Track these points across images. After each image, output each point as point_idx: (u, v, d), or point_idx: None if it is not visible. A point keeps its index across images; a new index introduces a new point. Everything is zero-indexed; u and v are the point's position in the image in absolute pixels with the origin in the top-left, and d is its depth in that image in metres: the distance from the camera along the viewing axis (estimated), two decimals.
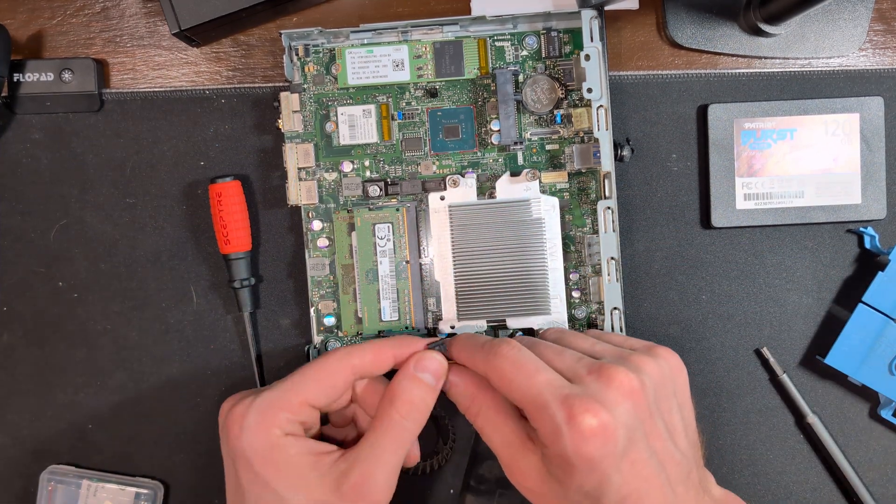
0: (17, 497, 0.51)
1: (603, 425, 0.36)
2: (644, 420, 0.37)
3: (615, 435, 0.36)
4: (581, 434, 0.36)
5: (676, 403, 0.40)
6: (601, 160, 0.45)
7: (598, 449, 0.36)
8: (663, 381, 0.39)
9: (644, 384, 0.38)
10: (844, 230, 0.50)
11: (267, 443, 0.39)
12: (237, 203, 0.48)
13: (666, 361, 0.40)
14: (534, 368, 0.38)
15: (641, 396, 0.37)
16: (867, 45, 0.50)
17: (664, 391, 0.39)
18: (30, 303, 0.50)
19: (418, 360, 0.42)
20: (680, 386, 0.41)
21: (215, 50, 0.51)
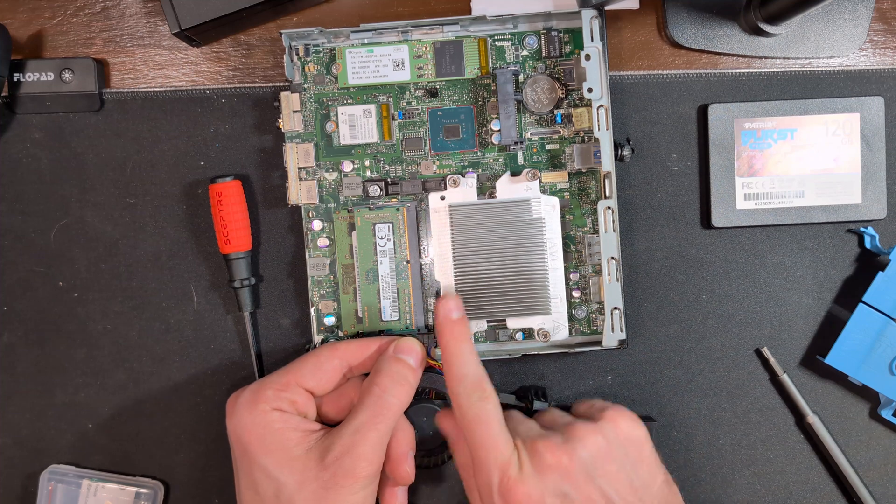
0: (17, 497, 0.51)
1: (524, 495, 0.39)
2: (577, 486, 0.40)
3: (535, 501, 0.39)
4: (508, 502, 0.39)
5: (629, 464, 0.41)
6: (601, 160, 0.45)
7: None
8: (604, 447, 0.41)
9: (576, 454, 0.40)
10: (845, 230, 0.50)
11: (254, 418, 0.42)
12: (237, 203, 0.48)
13: (612, 426, 0.42)
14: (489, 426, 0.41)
15: (570, 466, 0.40)
16: (867, 44, 0.50)
17: (605, 457, 0.41)
18: (30, 303, 0.50)
19: (398, 344, 0.44)
20: (631, 447, 0.42)
21: (215, 50, 0.51)
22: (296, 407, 0.43)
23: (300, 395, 0.43)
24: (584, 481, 0.40)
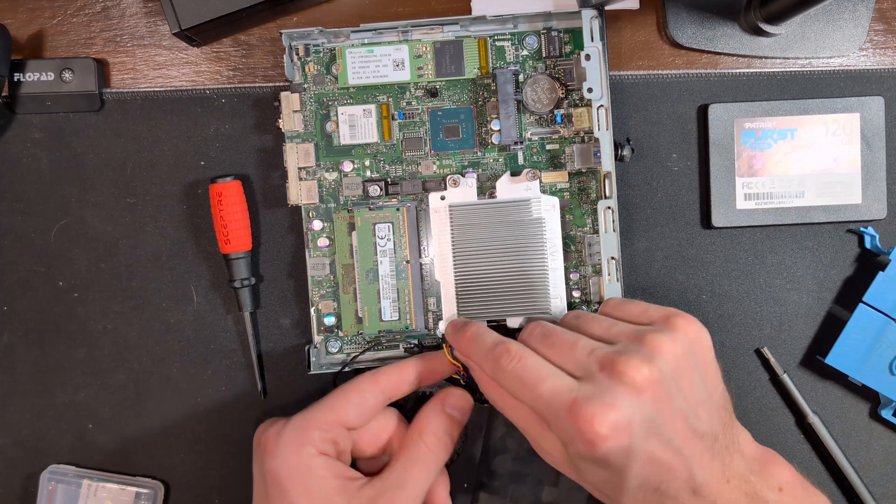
0: (17, 497, 0.51)
1: (614, 426, 0.35)
2: (662, 408, 0.36)
3: (627, 433, 0.35)
4: (591, 440, 0.35)
5: (699, 375, 0.38)
6: (601, 160, 0.45)
7: (611, 450, 0.35)
8: (682, 358, 0.38)
9: (661, 371, 0.37)
10: (845, 230, 0.50)
11: (299, 461, 0.40)
12: (237, 203, 0.48)
13: (685, 335, 0.38)
14: (536, 378, 0.38)
15: (658, 386, 0.36)
16: (868, 44, 0.50)
17: (684, 369, 0.38)
18: (30, 303, 0.50)
19: (447, 396, 0.44)
20: (701, 356, 0.39)
21: (216, 50, 0.51)
22: (337, 448, 0.42)
23: (343, 435, 0.42)
24: (667, 402, 0.36)
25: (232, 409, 0.50)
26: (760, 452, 0.40)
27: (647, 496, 0.37)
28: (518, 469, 0.48)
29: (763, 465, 0.40)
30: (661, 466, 0.37)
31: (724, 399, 0.40)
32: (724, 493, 0.38)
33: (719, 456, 0.38)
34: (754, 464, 0.39)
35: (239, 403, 0.50)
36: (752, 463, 0.39)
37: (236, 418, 0.50)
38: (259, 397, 0.50)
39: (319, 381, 0.50)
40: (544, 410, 0.37)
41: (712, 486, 0.37)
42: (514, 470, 0.48)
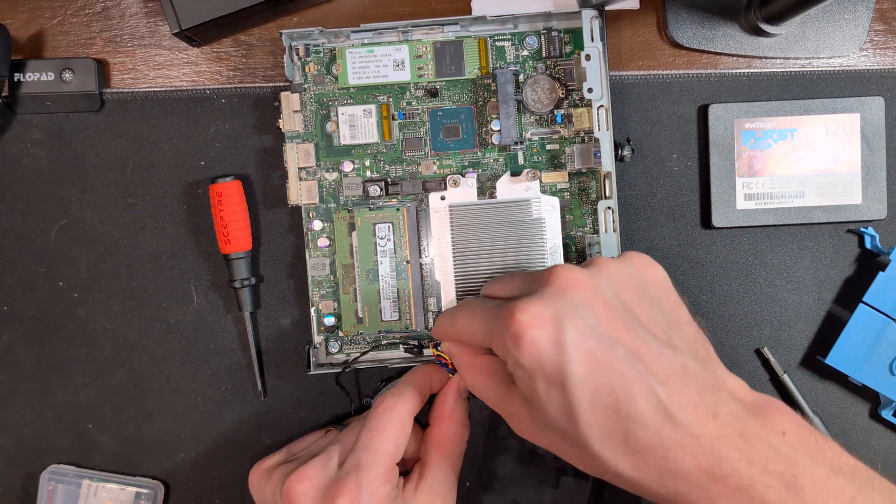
0: (17, 497, 0.51)
1: (535, 314, 0.34)
2: (599, 310, 0.34)
3: (552, 323, 0.34)
4: (515, 332, 0.34)
5: (649, 299, 0.36)
6: (602, 160, 0.45)
7: (537, 339, 0.34)
8: (625, 276, 0.36)
9: (591, 277, 0.35)
10: (845, 230, 0.50)
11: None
12: (237, 203, 0.48)
13: (630, 259, 0.37)
14: (479, 307, 0.39)
15: (591, 288, 0.35)
16: (868, 45, 0.50)
17: (625, 285, 0.36)
18: (30, 303, 0.50)
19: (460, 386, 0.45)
20: (654, 284, 0.37)
21: (216, 50, 0.51)
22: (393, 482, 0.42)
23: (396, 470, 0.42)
24: (604, 307, 0.35)
25: (232, 409, 0.50)
26: (758, 397, 0.36)
27: (609, 420, 0.33)
28: (520, 470, 0.48)
29: (762, 410, 0.35)
30: (611, 372, 0.33)
31: (693, 331, 0.37)
32: (708, 426, 0.33)
33: (695, 386, 0.34)
34: (751, 407, 0.35)
35: (239, 403, 0.50)
36: (747, 406, 0.35)
37: (236, 418, 0.50)
38: (259, 397, 0.50)
39: (319, 381, 0.50)
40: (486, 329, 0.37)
41: (689, 414, 0.33)
42: (516, 471, 0.48)
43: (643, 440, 0.33)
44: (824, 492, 0.33)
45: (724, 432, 0.33)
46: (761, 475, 0.33)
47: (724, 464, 0.33)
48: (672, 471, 0.33)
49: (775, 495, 0.33)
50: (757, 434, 0.34)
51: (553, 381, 0.34)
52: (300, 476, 0.41)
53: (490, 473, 0.49)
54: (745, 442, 0.33)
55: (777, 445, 0.34)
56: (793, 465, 0.33)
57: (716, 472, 0.33)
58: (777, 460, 0.33)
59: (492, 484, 0.49)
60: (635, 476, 0.34)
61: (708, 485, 0.33)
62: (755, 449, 0.33)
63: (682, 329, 0.37)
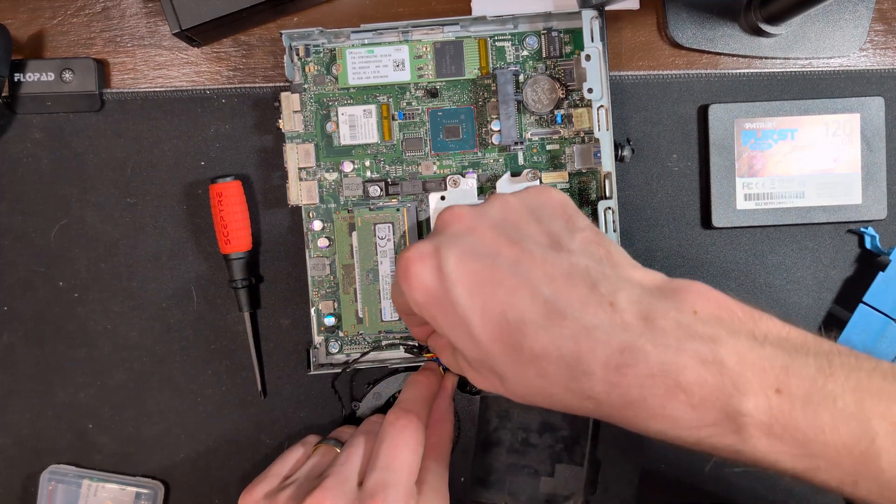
0: (17, 497, 0.51)
1: (417, 249, 0.34)
2: (477, 232, 0.34)
3: (432, 254, 0.34)
4: (402, 268, 0.34)
5: (540, 216, 0.36)
6: (602, 160, 0.45)
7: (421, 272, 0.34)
8: (513, 202, 0.36)
9: (475, 208, 0.35)
10: (845, 230, 0.50)
11: None
12: (237, 203, 0.48)
13: (525, 190, 0.37)
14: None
15: (469, 216, 0.35)
16: (868, 45, 0.50)
17: (515, 209, 0.35)
18: (30, 303, 0.50)
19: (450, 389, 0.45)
20: (545, 203, 0.36)
21: (216, 50, 0.51)
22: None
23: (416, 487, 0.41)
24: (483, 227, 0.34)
25: (232, 409, 0.50)
26: (671, 282, 0.33)
27: (502, 332, 0.32)
28: (514, 461, 0.48)
29: (673, 292, 0.32)
30: (494, 285, 0.32)
31: (591, 234, 0.35)
32: (601, 315, 0.31)
33: (586, 281, 0.32)
34: (658, 291, 0.32)
35: (239, 403, 0.50)
36: (654, 290, 0.32)
37: (236, 418, 0.50)
38: (259, 397, 0.50)
39: (319, 381, 0.50)
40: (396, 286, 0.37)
41: (578, 307, 0.31)
42: (510, 462, 0.49)
43: (536, 345, 0.31)
44: (750, 364, 0.29)
45: (624, 318, 0.31)
46: (673, 357, 0.29)
47: (628, 352, 0.30)
48: (574, 371, 0.31)
49: (693, 376, 0.29)
50: (664, 315, 0.31)
51: (446, 309, 0.33)
52: (320, 499, 0.38)
53: (485, 467, 0.49)
54: (649, 325, 0.30)
55: (688, 323, 0.30)
56: (710, 341, 0.30)
57: (620, 363, 0.30)
58: (690, 338, 0.30)
59: (487, 477, 0.49)
60: (545, 387, 0.32)
61: (615, 378, 0.30)
62: (662, 330, 0.30)
63: (576, 234, 0.35)
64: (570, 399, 0.31)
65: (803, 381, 0.29)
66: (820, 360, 0.30)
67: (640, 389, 0.30)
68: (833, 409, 0.29)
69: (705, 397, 0.29)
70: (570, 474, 0.48)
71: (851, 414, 0.29)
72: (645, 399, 0.30)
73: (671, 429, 0.30)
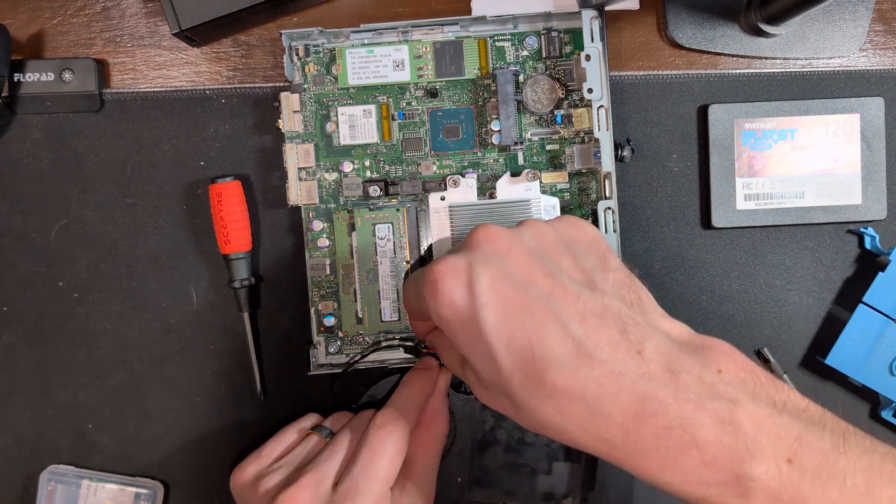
0: (17, 497, 0.51)
1: (450, 263, 0.34)
2: (513, 260, 0.34)
3: (464, 271, 0.33)
4: (432, 280, 0.34)
5: (574, 250, 0.36)
6: (601, 160, 0.45)
7: (449, 287, 0.33)
8: (548, 232, 0.36)
9: (511, 231, 0.35)
10: (845, 231, 0.50)
11: None
12: (237, 203, 0.48)
13: (558, 220, 0.37)
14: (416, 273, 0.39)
15: (504, 239, 0.34)
16: (867, 45, 0.50)
17: (549, 240, 0.35)
18: (30, 303, 0.50)
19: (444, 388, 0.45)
20: (579, 238, 0.37)
21: (216, 50, 0.51)
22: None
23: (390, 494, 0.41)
24: (519, 253, 0.34)
25: (232, 409, 0.50)
26: (699, 337, 0.33)
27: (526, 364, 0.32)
28: (510, 460, 0.49)
29: (700, 348, 0.33)
30: (524, 314, 0.32)
31: (623, 276, 0.35)
32: (629, 363, 0.31)
33: (617, 324, 0.32)
34: (686, 345, 0.33)
35: (239, 403, 0.50)
36: (682, 343, 0.33)
37: (236, 418, 0.50)
38: (259, 397, 0.50)
39: (319, 381, 0.50)
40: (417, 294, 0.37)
41: (608, 351, 0.31)
42: (507, 461, 0.49)
43: (560, 382, 0.31)
44: (766, 430, 0.30)
45: (650, 368, 0.31)
46: (693, 413, 0.30)
47: (649, 402, 0.30)
48: (594, 413, 0.31)
49: (709, 434, 0.29)
50: (689, 370, 0.31)
51: (471, 329, 0.33)
52: (292, 499, 0.39)
53: (482, 466, 0.49)
54: (674, 378, 0.31)
55: (712, 382, 0.31)
56: (730, 402, 0.30)
57: (640, 412, 0.30)
58: (711, 397, 0.30)
59: (484, 476, 0.49)
60: (561, 424, 0.32)
61: (633, 426, 0.30)
62: (685, 385, 0.30)
63: (609, 274, 0.35)
64: (585, 439, 0.32)
65: (816, 454, 0.29)
66: (836, 437, 0.30)
67: (656, 440, 0.30)
68: (842, 486, 0.29)
69: (718, 456, 0.29)
70: (567, 472, 0.48)
71: (860, 494, 0.29)
72: (658, 450, 0.30)
73: (679, 482, 0.30)
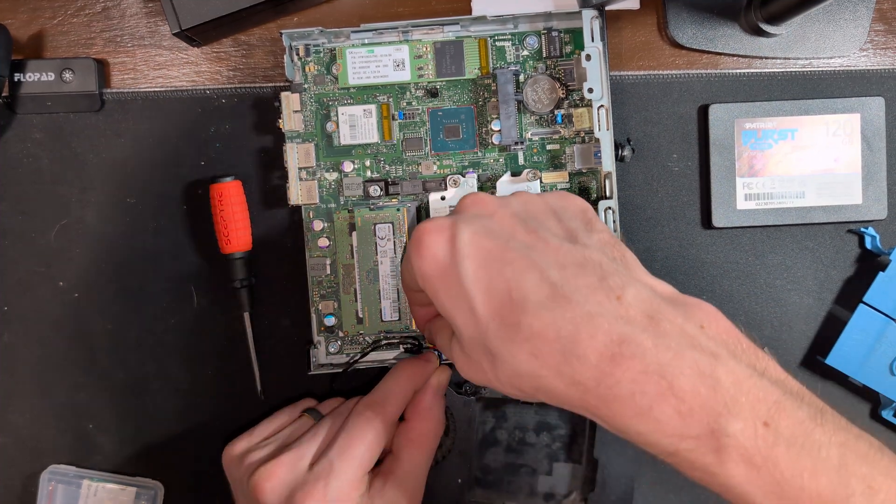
0: (17, 497, 0.50)
1: (434, 222, 0.34)
2: (496, 215, 0.35)
3: (448, 227, 0.34)
4: (417, 239, 0.34)
5: (557, 216, 0.36)
6: (602, 160, 0.45)
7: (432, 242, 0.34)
8: (537, 201, 0.36)
9: (499, 197, 0.36)
10: (845, 230, 0.50)
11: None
12: (237, 203, 0.48)
13: (550, 193, 0.38)
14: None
15: (491, 203, 0.35)
16: (868, 45, 0.50)
17: (538, 207, 0.36)
18: (30, 303, 0.50)
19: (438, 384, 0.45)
20: (567, 207, 0.37)
21: (216, 50, 0.51)
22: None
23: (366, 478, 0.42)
24: (503, 213, 0.35)
25: (232, 409, 0.50)
26: (682, 296, 0.33)
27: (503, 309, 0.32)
28: (511, 460, 0.49)
29: (684, 302, 0.32)
30: (503, 263, 0.32)
31: (608, 237, 0.35)
32: (607, 304, 0.31)
33: (597, 273, 0.32)
34: (670, 297, 0.32)
35: (239, 403, 0.50)
36: (666, 296, 0.32)
37: (236, 418, 0.50)
38: (259, 397, 0.50)
39: (319, 381, 0.50)
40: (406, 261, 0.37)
41: (585, 293, 0.31)
42: (507, 461, 0.49)
43: (535, 323, 0.31)
44: (744, 390, 0.29)
45: (629, 312, 0.31)
46: (672, 360, 0.29)
47: (626, 345, 0.29)
48: (568, 355, 0.30)
49: (688, 384, 0.29)
50: (671, 320, 0.30)
51: (451, 281, 0.33)
52: (269, 473, 0.40)
53: (482, 467, 0.49)
54: (654, 324, 0.30)
55: (693, 334, 0.30)
56: (711, 356, 0.30)
57: (616, 354, 0.29)
58: (692, 347, 0.30)
59: (485, 476, 0.49)
60: (534, 367, 0.31)
61: (608, 367, 0.29)
62: (665, 332, 0.30)
63: (594, 234, 0.35)
64: (557, 384, 0.31)
65: (793, 421, 0.29)
66: (813, 409, 0.30)
67: (632, 384, 0.29)
68: (816, 456, 0.29)
69: (695, 408, 0.29)
70: (568, 472, 0.48)
71: (833, 467, 0.29)
72: (633, 395, 0.29)
73: (653, 432, 0.29)
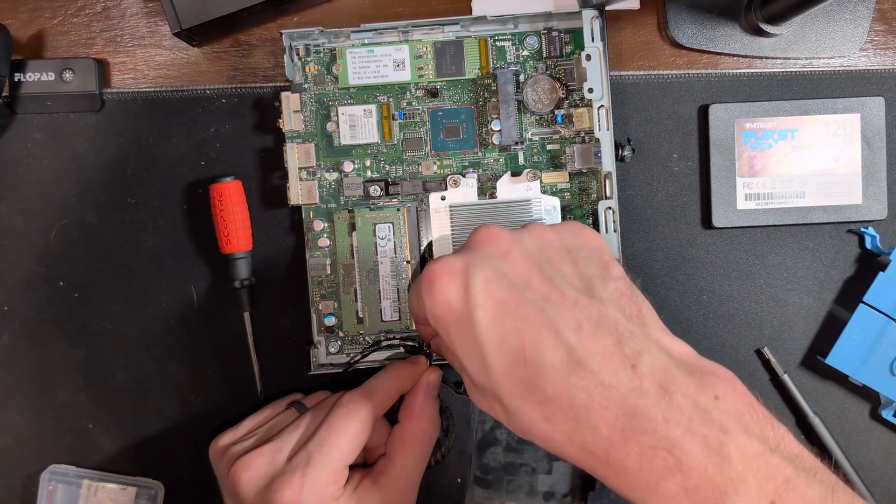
0: (17, 497, 0.50)
1: (447, 263, 0.34)
2: (511, 261, 0.34)
3: (461, 271, 0.33)
4: (429, 279, 0.34)
5: (576, 257, 0.35)
6: (602, 160, 0.45)
7: (446, 287, 0.33)
8: (550, 237, 0.36)
9: (512, 233, 0.35)
10: (845, 230, 0.50)
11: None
12: (237, 203, 0.48)
13: (563, 225, 0.37)
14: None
15: (504, 241, 0.34)
16: (868, 45, 0.50)
17: (552, 245, 0.35)
18: (30, 303, 0.50)
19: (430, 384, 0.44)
20: (582, 245, 0.36)
21: (216, 50, 0.51)
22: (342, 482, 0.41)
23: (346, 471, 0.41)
24: (519, 256, 0.34)
25: (232, 409, 0.50)
26: (701, 361, 0.32)
27: (517, 367, 0.31)
28: (510, 460, 0.49)
29: (700, 371, 0.31)
30: (517, 318, 0.32)
31: (624, 286, 0.34)
32: (621, 375, 0.30)
33: (613, 334, 0.31)
34: (686, 365, 0.32)
35: (239, 403, 0.50)
36: (681, 363, 0.32)
37: (236, 418, 0.50)
38: (259, 397, 0.50)
39: (319, 381, 0.50)
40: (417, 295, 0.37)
41: (600, 361, 0.31)
42: (507, 461, 0.49)
43: (549, 388, 0.31)
44: (754, 467, 0.28)
45: (642, 383, 0.30)
46: (681, 436, 0.29)
47: (638, 418, 0.29)
48: (580, 424, 0.30)
49: (695, 461, 0.28)
50: (684, 391, 0.30)
51: (464, 329, 0.33)
52: (247, 464, 0.40)
53: (482, 466, 0.49)
54: (667, 397, 0.30)
55: (706, 407, 0.30)
56: (721, 430, 0.29)
57: (627, 427, 0.29)
58: (703, 422, 0.29)
59: (485, 476, 0.49)
60: (547, 431, 0.31)
61: (619, 440, 0.29)
62: (678, 406, 0.30)
63: (609, 283, 0.34)
64: (569, 448, 0.31)
65: (801, 501, 0.29)
66: (825, 488, 0.29)
67: (640, 459, 0.29)
68: None
69: (701, 486, 0.28)
70: (567, 471, 0.48)
71: None
72: (641, 469, 0.29)
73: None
